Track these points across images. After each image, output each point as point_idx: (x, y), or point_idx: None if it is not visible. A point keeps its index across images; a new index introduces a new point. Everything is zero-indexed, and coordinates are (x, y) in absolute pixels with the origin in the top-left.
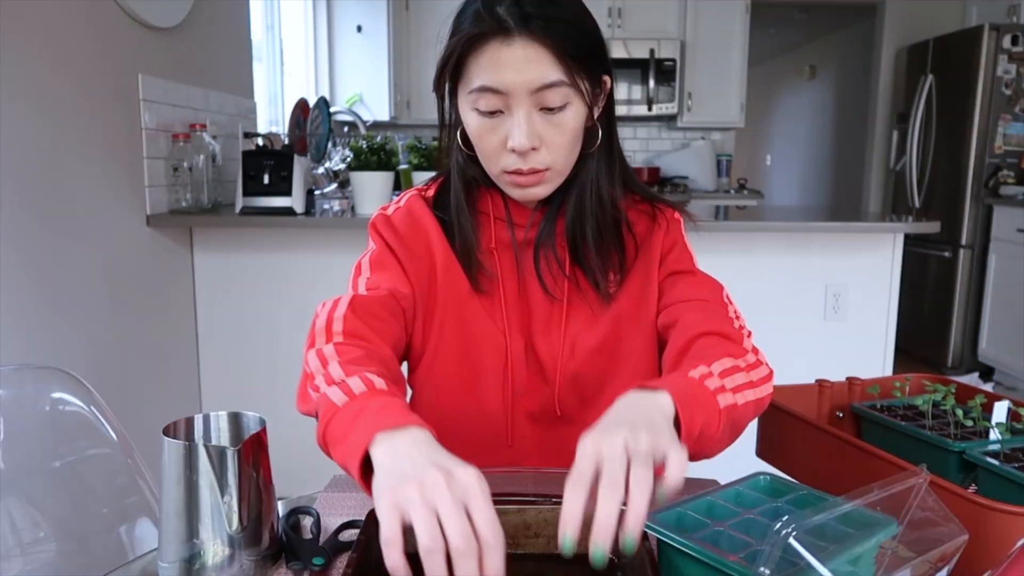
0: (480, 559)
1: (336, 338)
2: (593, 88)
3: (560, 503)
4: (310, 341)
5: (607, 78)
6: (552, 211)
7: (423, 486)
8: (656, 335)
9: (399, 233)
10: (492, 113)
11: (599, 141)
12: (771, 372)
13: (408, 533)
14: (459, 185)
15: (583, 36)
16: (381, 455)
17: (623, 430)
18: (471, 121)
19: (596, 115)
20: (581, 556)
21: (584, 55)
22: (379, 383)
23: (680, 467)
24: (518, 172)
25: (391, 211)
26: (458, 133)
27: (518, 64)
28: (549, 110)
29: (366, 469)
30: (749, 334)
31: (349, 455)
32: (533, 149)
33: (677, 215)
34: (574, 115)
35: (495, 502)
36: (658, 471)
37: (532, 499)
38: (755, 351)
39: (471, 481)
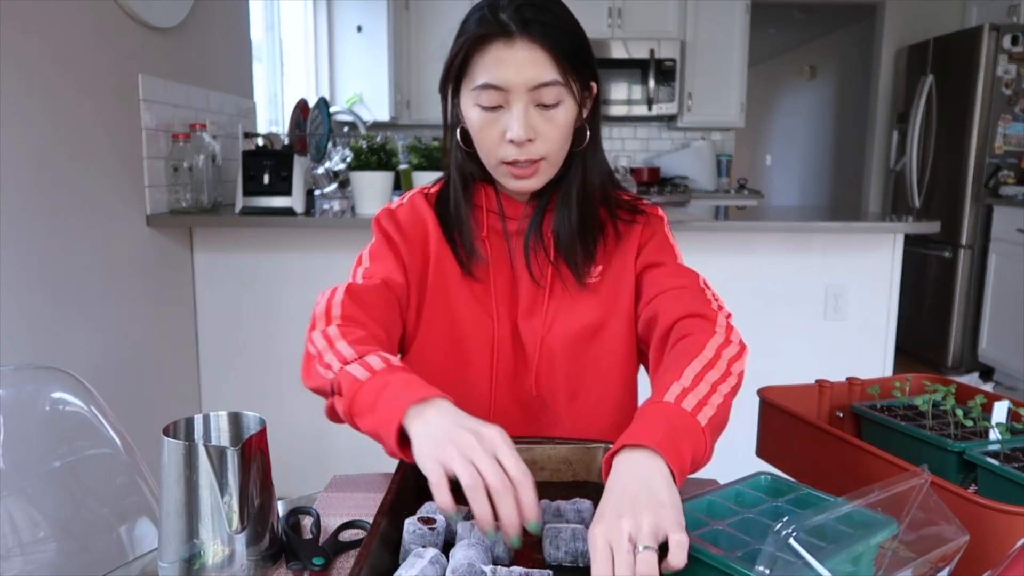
0: (516, 497)
1: (336, 321)
2: (582, 90)
3: (560, 443)
4: (312, 324)
5: (594, 84)
6: (541, 205)
7: (459, 445)
8: (633, 324)
9: (400, 225)
10: (493, 108)
11: (586, 140)
12: (743, 348)
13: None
14: (457, 180)
15: (575, 42)
16: (417, 426)
17: (627, 517)
18: (473, 116)
19: (584, 116)
20: (577, 484)
21: (575, 59)
22: (395, 360)
23: (680, 550)
24: (515, 163)
25: (395, 206)
26: (457, 132)
27: (518, 64)
28: (544, 106)
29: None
30: (728, 315)
31: (382, 425)
32: (529, 140)
33: (660, 212)
34: (565, 112)
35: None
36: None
37: (538, 440)
38: (728, 329)
39: (496, 436)
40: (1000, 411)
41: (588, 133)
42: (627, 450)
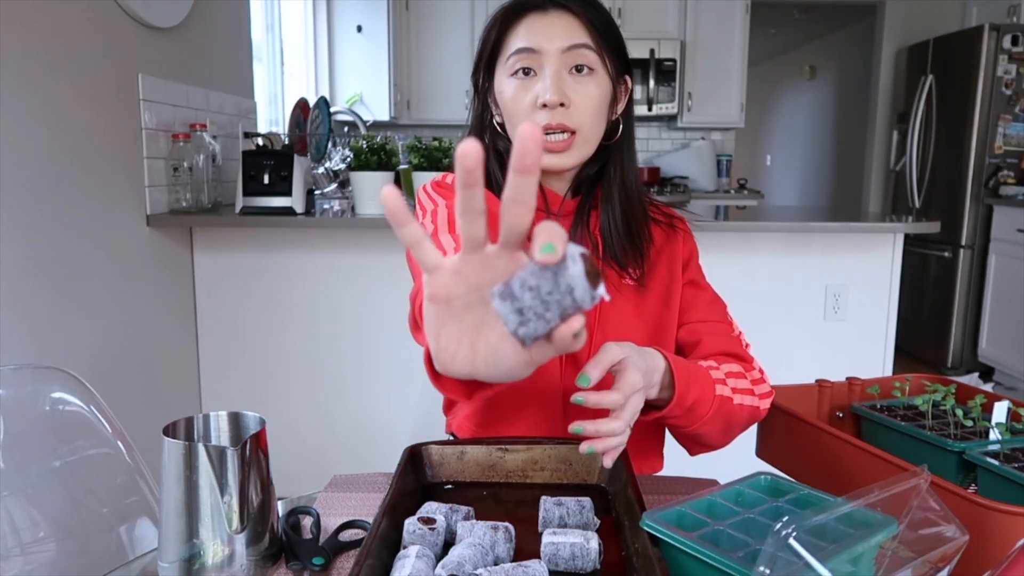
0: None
1: None
2: (617, 74)
3: (560, 443)
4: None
5: (628, 78)
6: (585, 202)
7: None
8: (675, 335)
9: None
10: (526, 72)
11: (620, 133)
12: (772, 390)
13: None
14: (497, 171)
15: (609, 22)
16: None
17: (643, 381)
18: (507, 88)
19: (619, 110)
20: (577, 486)
21: (609, 36)
22: None
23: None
24: (547, 128)
25: (450, 180)
26: (496, 122)
27: (552, 29)
28: (578, 71)
29: None
30: (751, 352)
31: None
32: (562, 105)
33: (686, 224)
34: (598, 85)
35: (509, 441)
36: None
37: (537, 440)
38: (761, 371)
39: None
40: (1000, 411)
41: (622, 127)
42: (652, 349)
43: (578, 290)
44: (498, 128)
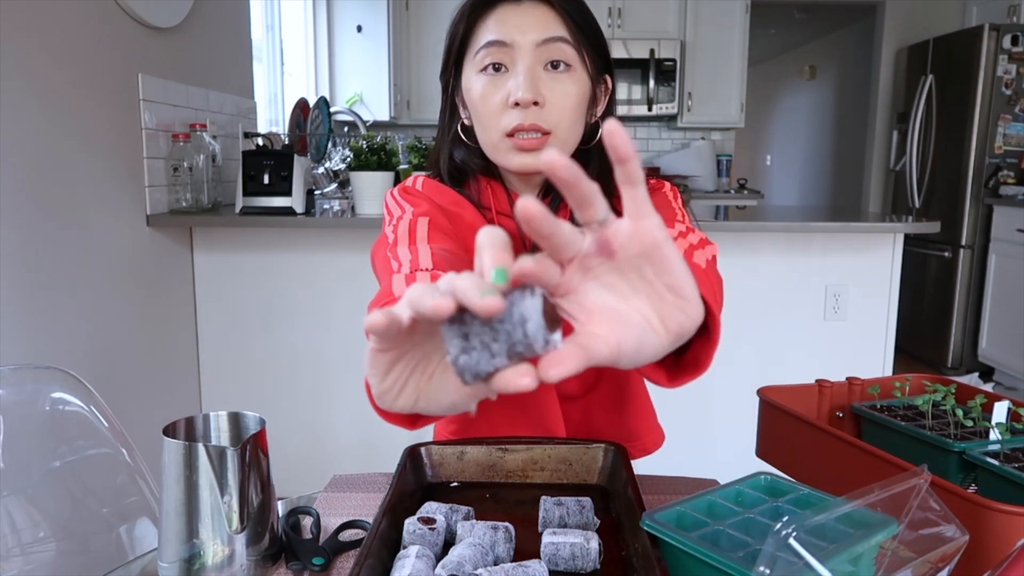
0: None
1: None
2: (596, 72)
3: (560, 443)
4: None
5: (609, 79)
6: (554, 203)
7: None
8: None
9: (439, 202)
10: (497, 68)
11: (599, 137)
12: (707, 240)
13: None
14: (447, 179)
15: (588, 15)
16: None
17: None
18: (475, 86)
19: (599, 112)
20: (577, 486)
21: (588, 31)
22: None
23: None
24: (519, 128)
25: (419, 184)
26: (458, 126)
27: (525, 21)
28: (554, 67)
29: None
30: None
31: None
32: (536, 103)
33: (666, 188)
34: (576, 84)
35: (509, 441)
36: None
37: (537, 440)
38: (689, 228)
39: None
40: (1000, 411)
41: (601, 130)
42: None
43: (531, 323)
44: (461, 135)
